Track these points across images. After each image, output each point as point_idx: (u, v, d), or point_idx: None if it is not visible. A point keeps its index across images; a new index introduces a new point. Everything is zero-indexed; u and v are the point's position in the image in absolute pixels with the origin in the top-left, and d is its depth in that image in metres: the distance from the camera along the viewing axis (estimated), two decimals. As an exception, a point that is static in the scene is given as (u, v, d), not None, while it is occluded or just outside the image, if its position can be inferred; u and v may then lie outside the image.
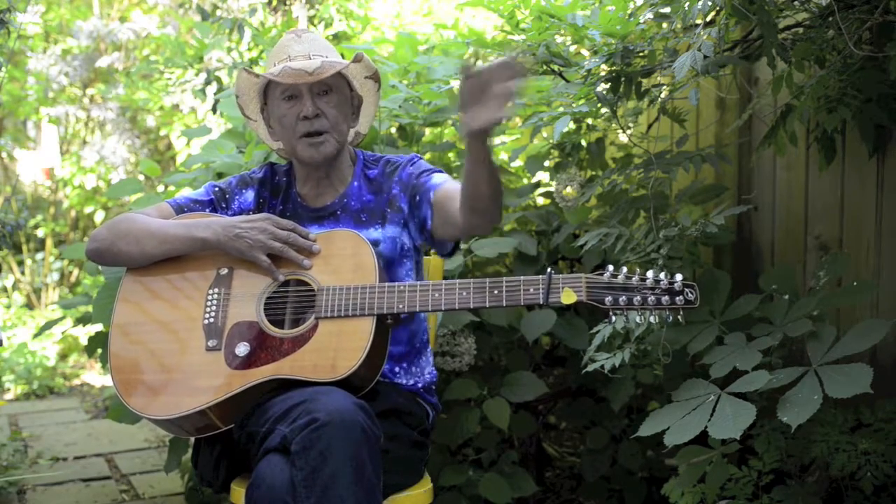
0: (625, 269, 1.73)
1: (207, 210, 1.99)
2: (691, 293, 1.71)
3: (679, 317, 1.72)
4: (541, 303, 1.73)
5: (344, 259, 1.84)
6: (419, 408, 1.97)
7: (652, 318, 1.73)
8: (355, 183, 2.01)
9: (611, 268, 1.74)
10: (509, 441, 2.85)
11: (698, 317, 2.23)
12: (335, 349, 1.75)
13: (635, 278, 1.72)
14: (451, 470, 2.57)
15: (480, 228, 1.82)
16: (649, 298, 1.70)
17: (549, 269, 1.75)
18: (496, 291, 1.75)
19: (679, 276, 1.72)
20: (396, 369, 1.96)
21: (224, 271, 1.88)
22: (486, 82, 1.57)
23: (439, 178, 1.95)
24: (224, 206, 2.01)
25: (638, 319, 1.73)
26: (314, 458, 1.56)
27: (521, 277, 1.75)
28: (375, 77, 2.03)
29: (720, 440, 2.10)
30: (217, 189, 2.03)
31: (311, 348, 1.76)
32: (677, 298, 1.70)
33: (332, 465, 1.55)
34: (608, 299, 1.71)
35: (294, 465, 1.58)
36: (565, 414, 2.95)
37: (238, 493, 1.80)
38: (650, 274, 1.72)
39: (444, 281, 1.80)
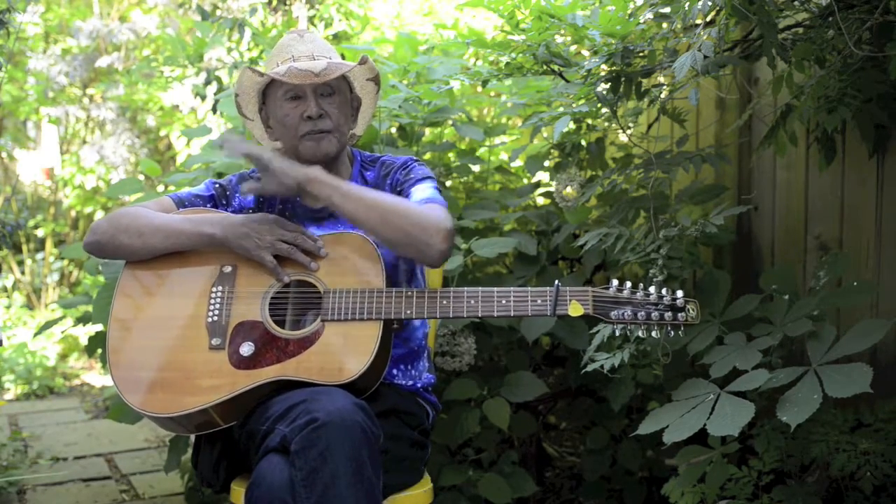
0: (629, 282, 1.78)
1: (208, 205, 1.99)
2: (693, 310, 1.76)
3: (680, 332, 1.76)
4: (548, 314, 1.75)
5: (351, 262, 1.84)
6: (419, 407, 1.97)
7: (654, 333, 1.77)
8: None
9: (616, 281, 1.78)
10: (509, 441, 2.85)
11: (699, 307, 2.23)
12: (341, 353, 1.75)
13: (640, 293, 1.77)
14: (451, 470, 2.57)
15: (419, 259, 1.82)
16: (653, 314, 1.75)
17: (556, 282, 1.76)
18: (504, 301, 1.76)
19: (680, 293, 1.77)
20: (395, 370, 1.96)
21: (228, 269, 1.87)
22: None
23: (417, 196, 1.90)
24: (224, 202, 2.01)
25: (640, 334, 1.76)
26: (314, 458, 1.56)
27: (529, 289, 1.77)
28: (376, 80, 2.03)
29: (720, 440, 2.10)
30: (218, 186, 2.03)
31: (317, 350, 1.75)
32: (679, 315, 1.75)
33: (332, 464, 1.55)
34: (614, 313, 1.75)
35: (294, 464, 1.58)
36: (565, 414, 2.95)
37: (238, 493, 1.80)
38: (653, 289, 1.77)
39: (451, 289, 1.80)
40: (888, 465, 1.92)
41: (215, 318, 1.82)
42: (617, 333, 1.79)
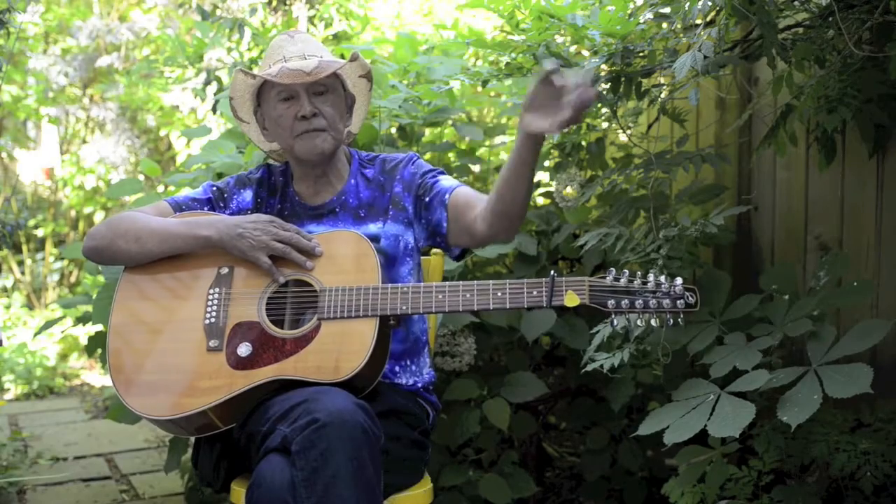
0: (626, 272, 1.75)
1: (206, 209, 1.99)
2: (692, 297, 1.72)
3: (679, 320, 1.74)
4: (544, 305, 1.74)
5: (346, 260, 1.84)
6: (419, 408, 1.97)
7: (653, 322, 1.74)
8: (352, 181, 2.01)
9: (613, 271, 1.75)
10: (509, 441, 2.85)
11: (698, 317, 2.23)
12: (338, 350, 1.75)
13: (637, 282, 1.74)
14: (451, 470, 2.57)
15: (504, 234, 1.85)
16: (650, 302, 1.72)
17: (552, 272, 1.76)
18: (499, 294, 1.76)
19: (679, 280, 1.73)
20: (396, 368, 1.96)
21: (224, 270, 1.88)
22: (560, 90, 1.61)
23: (449, 182, 1.95)
24: (222, 205, 2.01)
25: (639, 322, 1.74)
26: (315, 459, 1.56)
27: (525, 280, 1.76)
28: (368, 76, 2.03)
29: (720, 440, 2.10)
30: (215, 189, 2.03)
31: (314, 349, 1.76)
32: (678, 302, 1.72)
33: (333, 465, 1.55)
34: (610, 302, 1.73)
35: (294, 465, 1.58)
36: (565, 414, 2.95)
37: (238, 493, 1.80)
38: (651, 277, 1.74)
39: (447, 283, 1.80)
40: (888, 465, 1.92)
41: (213, 319, 1.82)
42: (615, 323, 1.75)
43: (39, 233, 6.82)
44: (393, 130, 2.96)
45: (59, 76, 6.25)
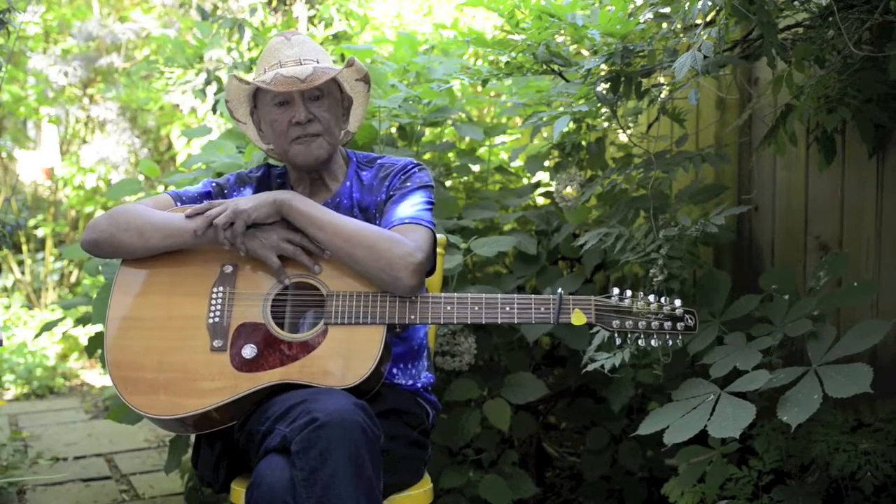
0: (629, 291, 1.81)
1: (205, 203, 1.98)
2: (691, 319, 1.80)
3: (678, 341, 1.79)
4: (551, 322, 1.78)
5: None
6: (419, 407, 1.97)
7: (653, 342, 1.80)
8: (348, 183, 2.01)
9: (617, 290, 1.81)
10: (509, 441, 2.85)
11: (698, 317, 2.23)
12: (345, 356, 1.74)
13: (640, 302, 1.80)
14: (452, 471, 2.57)
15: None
16: (653, 323, 1.78)
17: (559, 290, 1.78)
18: (507, 308, 1.78)
19: (678, 302, 1.81)
20: (395, 370, 1.96)
21: (228, 269, 1.86)
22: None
23: (405, 211, 1.89)
24: (222, 201, 2.00)
25: (641, 343, 1.79)
26: (314, 458, 1.56)
27: (533, 296, 1.79)
28: (366, 79, 2.02)
29: (720, 440, 2.10)
30: (215, 185, 2.02)
31: (321, 354, 1.75)
32: (678, 324, 1.79)
33: (332, 464, 1.55)
34: (615, 322, 1.78)
35: (294, 464, 1.58)
36: (565, 414, 2.95)
37: (238, 493, 1.80)
38: (653, 298, 1.80)
39: (455, 294, 1.80)
40: (888, 465, 1.92)
41: (217, 319, 1.81)
42: (618, 342, 1.81)
43: (39, 233, 6.82)
44: (393, 130, 2.96)
45: (59, 76, 6.25)
